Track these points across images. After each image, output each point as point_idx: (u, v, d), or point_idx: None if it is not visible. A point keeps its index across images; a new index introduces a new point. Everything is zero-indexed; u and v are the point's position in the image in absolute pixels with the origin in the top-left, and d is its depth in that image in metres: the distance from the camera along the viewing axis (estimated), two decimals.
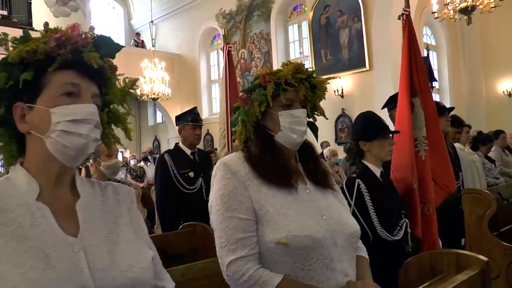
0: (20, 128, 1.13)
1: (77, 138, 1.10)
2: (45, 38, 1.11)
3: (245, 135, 1.76)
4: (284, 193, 1.62)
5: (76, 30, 1.15)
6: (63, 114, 1.09)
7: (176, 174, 4.12)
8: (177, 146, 4.37)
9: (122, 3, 18.75)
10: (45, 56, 1.10)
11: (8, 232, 1.02)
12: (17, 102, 1.13)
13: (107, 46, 1.18)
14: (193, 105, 7.82)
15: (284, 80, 1.68)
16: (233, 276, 1.55)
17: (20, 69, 1.10)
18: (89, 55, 1.12)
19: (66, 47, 1.11)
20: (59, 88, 1.11)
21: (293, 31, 13.46)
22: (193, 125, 4.25)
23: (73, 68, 1.12)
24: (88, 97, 1.13)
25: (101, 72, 1.16)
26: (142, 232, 1.27)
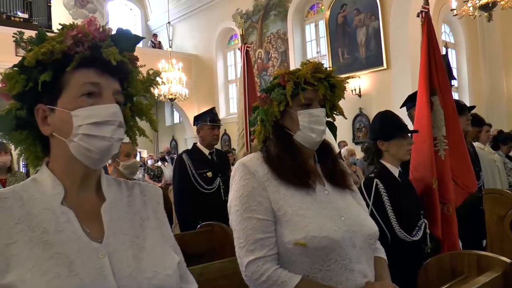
0: (43, 131, 1.12)
1: (101, 141, 1.07)
2: (61, 37, 1.08)
3: (264, 134, 1.77)
4: (303, 193, 1.61)
5: (93, 24, 1.11)
6: (85, 117, 1.06)
7: (194, 174, 4.13)
8: (195, 146, 4.38)
9: (139, 5, 18.88)
10: (62, 55, 1.07)
11: (34, 238, 1.01)
12: (38, 104, 1.11)
13: (126, 39, 1.14)
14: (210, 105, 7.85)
15: (303, 80, 1.67)
16: (252, 276, 1.55)
17: (38, 70, 1.07)
18: (108, 51, 1.07)
19: (84, 44, 1.07)
20: (79, 89, 1.08)
21: (310, 30, 13.41)
22: (212, 126, 4.26)
23: (92, 65, 1.09)
24: (109, 96, 1.10)
25: (121, 67, 1.11)
26: (168, 236, 1.24)
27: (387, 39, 10.55)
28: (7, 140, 1.16)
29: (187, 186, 4.10)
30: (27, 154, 1.17)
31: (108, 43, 1.09)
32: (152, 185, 1.33)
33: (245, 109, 4.75)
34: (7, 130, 1.14)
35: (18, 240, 0.99)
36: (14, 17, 14.26)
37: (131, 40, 1.15)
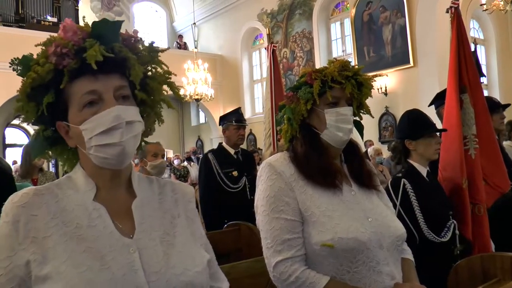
0: (69, 144, 1.15)
1: (113, 148, 1.07)
2: (43, 58, 1.07)
3: (290, 133, 1.75)
4: (329, 194, 1.60)
5: (69, 30, 1.08)
6: (91, 129, 1.07)
7: (220, 173, 4.16)
8: (220, 146, 4.41)
9: (164, 6, 19.06)
10: (54, 72, 1.06)
11: (68, 232, 1.05)
12: (57, 122, 1.13)
13: (106, 29, 1.09)
14: (236, 105, 7.86)
15: (331, 78, 1.66)
16: (280, 277, 1.55)
17: (42, 93, 1.08)
18: (89, 54, 1.04)
19: (68, 54, 1.06)
20: (80, 101, 1.08)
21: (335, 29, 13.32)
22: (237, 126, 4.28)
23: (84, 72, 1.07)
24: (110, 98, 1.08)
25: (112, 59, 1.08)
26: (199, 234, 1.25)
27: (413, 36, 10.42)
28: (49, 156, 1.21)
29: (213, 185, 4.12)
30: (67, 164, 1.22)
31: (91, 43, 1.06)
32: (184, 184, 1.34)
33: (271, 108, 4.75)
34: (42, 151, 1.19)
35: (53, 234, 1.04)
36: (44, 21, 14.59)
37: (112, 29, 1.10)
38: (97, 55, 1.04)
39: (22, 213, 1.04)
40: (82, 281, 0.99)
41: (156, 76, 1.19)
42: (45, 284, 1.00)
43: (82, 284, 0.98)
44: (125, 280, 1.02)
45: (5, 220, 1.04)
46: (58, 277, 0.99)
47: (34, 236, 1.03)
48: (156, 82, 1.19)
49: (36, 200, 1.07)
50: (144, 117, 1.18)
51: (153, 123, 1.26)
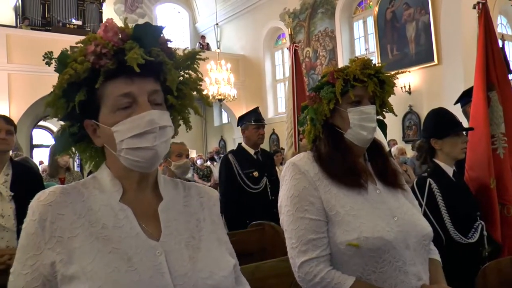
0: (96, 143, 1.15)
1: (145, 152, 1.07)
2: (81, 55, 1.07)
3: (314, 133, 1.75)
4: (354, 193, 1.59)
5: (110, 30, 1.08)
6: (124, 132, 1.07)
7: (240, 174, 4.15)
8: (240, 146, 4.40)
9: (187, 7, 19.19)
10: (90, 71, 1.06)
11: (94, 233, 1.05)
12: (85, 120, 1.13)
13: (147, 33, 1.09)
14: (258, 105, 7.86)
15: (353, 76, 1.65)
16: (305, 277, 1.54)
17: (74, 91, 1.08)
18: (130, 57, 1.03)
19: (106, 54, 1.06)
20: (113, 103, 1.08)
21: (358, 27, 13.22)
22: (257, 125, 4.27)
23: (120, 74, 1.07)
24: (144, 101, 1.08)
25: (149, 63, 1.06)
26: (223, 239, 1.25)
27: (438, 33, 10.26)
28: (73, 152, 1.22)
29: (234, 186, 4.11)
30: (90, 162, 1.23)
31: (130, 45, 1.06)
32: (209, 187, 1.34)
33: (293, 108, 4.74)
34: (66, 147, 1.20)
35: (79, 234, 1.04)
36: (69, 24, 14.88)
37: (153, 33, 1.10)
38: (139, 58, 1.04)
39: (48, 212, 1.04)
40: (109, 282, 0.99)
41: (189, 82, 1.19)
42: (72, 284, 1.00)
43: (109, 285, 0.98)
44: (152, 282, 1.01)
45: (31, 219, 1.05)
46: (84, 278, 0.99)
47: (60, 236, 1.03)
48: (188, 88, 1.19)
49: (63, 199, 1.07)
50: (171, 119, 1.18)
51: (178, 126, 1.26)
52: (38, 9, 14.90)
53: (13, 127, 2.90)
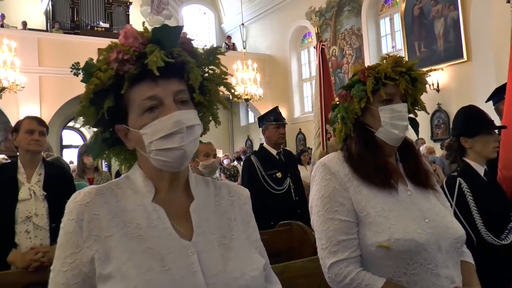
0: (128, 146, 1.17)
1: (173, 152, 1.08)
2: (104, 64, 1.09)
3: (344, 132, 1.73)
4: (385, 194, 1.57)
5: (130, 36, 1.09)
6: (151, 134, 1.08)
7: (264, 175, 4.12)
8: (262, 147, 4.37)
9: (213, 8, 19.29)
10: (115, 77, 1.09)
11: (128, 232, 1.07)
12: (115, 124, 1.16)
13: (166, 35, 1.10)
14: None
15: (384, 74, 1.63)
16: (335, 279, 1.53)
17: (102, 98, 1.11)
18: (150, 60, 1.05)
19: (129, 60, 1.07)
20: (139, 107, 1.10)
21: (385, 25, 13.08)
22: (277, 124, 4.23)
23: (144, 78, 1.09)
24: (170, 102, 1.09)
25: (171, 64, 1.08)
26: (254, 238, 1.25)
27: (467, 29, 10.07)
28: (108, 157, 1.24)
29: (257, 188, 4.04)
30: (125, 164, 1.25)
31: (151, 48, 1.07)
32: (240, 186, 1.35)
33: (320, 107, 4.71)
34: (101, 152, 1.22)
35: (115, 233, 1.06)
36: (97, 27, 15.15)
37: (173, 34, 1.11)
38: (158, 61, 1.05)
39: (85, 212, 1.07)
40: (143, 282, 1.00)
41: (213, 77, 1.20)
42: (108, 283, 1.02)
43: (143, 284, 1.00)
44: (185, 282, 1.03)
45: (69, 218, 1.08)
46: (120, 277, 1.01)
47: (96, 235, 1.06)
48: (213, 83, 1.20)
49: (98, 199, 1.10)
50: (200, 116, 1.19)
51: (208, 123, 1.27)
52: (67, 13, 15.24)
53: (45, 128, 2.97)
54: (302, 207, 3.99)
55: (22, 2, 15.63)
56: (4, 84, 10.15)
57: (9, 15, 14.45)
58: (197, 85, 1.13)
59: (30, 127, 2.88)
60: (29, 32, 13.59)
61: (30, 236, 2.76)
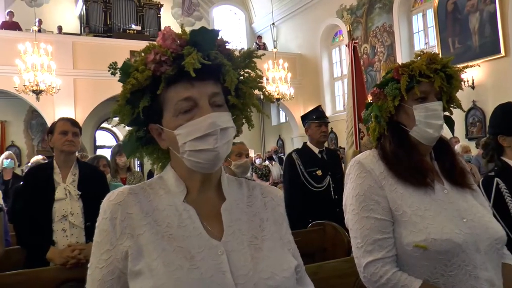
0: (161, 145, 1.19)
1: (207, 153, 1.09)
2: (141, 64, 1.11)
3: (378, 131, 1.71)
4: (420, 193, 1.54)
5: (168, 37, 1.11)
6: (185, 135, 1.10)
7: (304, 173, 4.14)
8: (304, 145, 4.40)
9: (243, 8, 19.35)
10: (152, 78, 1.10)
11: (159, 231, 1.09)
12: (150, 124, 1.18)
13: (204, 37, 1.11)
14: (316, 103, 7.81)
15: (418, 72, 1.60)
16: (370, 278, 1.51)
17: (138, 98, 1.13)
18: (187, 62, 1.06)
19: (166, 61, 1.09)
20: (174, 107, 1.11)
21: (417, 21, 12.83)
22: (319, 123, 4.25)
23: (180, 79, 1.11)
24: (205, 104, 1.10)
25: (208, 66, 1.09)
26: (287, 240, 1.25)
27: (505, 23, 9.78)
28: (141, 155, 1.27)
29: (297, 185, 4.10)
30: (157, 163, 1.27)
31: (188, 50, 1.09)
32: (273, 187, 1.35)
33: (353, 106, 4.67)
34: (134, 150, 1.25)
35: (146, 231, 1.09)
36: (129, 30, 15.41)
37: (210, 37, 1.12)
38: (195, 63, 1.06)
39: (118, 211, 1.11)
40: (172, 279, 1.02)
41: (248, 80, 1.21)
42: (138, 279, 1.05)
43: (172, 282, 1.01)
44: (213, 281, 1.03)
45: (103, 217, 1.12)
46: (149, 274, 1.03)
47: (129, 233, 1.09)
48: (248, 86, 1.21)
49: (131, 199, 1.13)
50: (233, 119, 1.20)
51: (241, 125, 1.28)
52: (100, 16, 15.55)
53: (79, 129, 3.05)
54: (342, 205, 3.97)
55: (58, 7, 16.04)
56: (41, 87, 10.44)
57: (46, 20, 14.85)
58: (232, 88, 1.13)
59: (64, 128, 2.96)
60: (64, 36, 13.90)
61: (66, 234, 2.85)
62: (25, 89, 10.32)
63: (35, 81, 10.33)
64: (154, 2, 16.66)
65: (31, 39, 10.87)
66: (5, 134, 14.94)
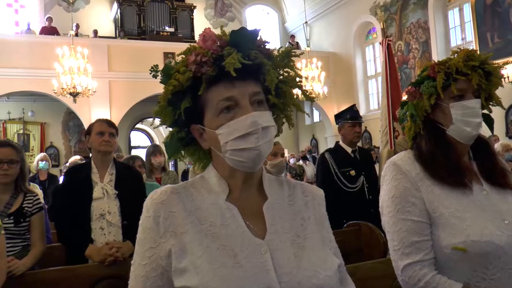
0: (203, 146, 1.20)
1: (249, 152, 1.09)
2: (183, 66, 1.13)
3: (414, 130, 1.68)
4: (458, 194, 1.50)
5: (208, 39, 1.13)
6: (227, 134, 1.10)
7: (337, 173, 4.11)
8: (337, 144, 4.37)
9: (276, 8, 19.35)
10: (193, 79, 1.12)
11: (203, 230, 1.11)
12: (191, 124, 1.19)
13: (244, 38, 1.13)
14: (349, 102, 7.74)
15: (455, 69, 1.56)
16: (408, 281, 1.48)
17: (179, 99, 1.15)
18: (227, 62, 1.08)
19: (206, 62, 1.11)
20: (216, 107, 1.12)
21: (454, 16, 12.56)
22: (352, 123, 4.21)
23: (222, 79, 1.11)
24: (246, 104, 1.11)
25: (248, 66, 1.10)
26: (328, 239, 1.24)
27: None
28: (182, 156, 1.29)
29: (331, 185, 4.07)
30: (199, 163, 1.29)
31: (228, 51, 1.10)
32: (314, 187, 1.34)
33: (387, 105, 4.59)
34: (176, 151, 1.26)
35: (189, 230, 1.11)
36: (162, 32, 15.61)
37: (249, 37, 1.14)
38: (236, 63, 1.08)
39: (161, 209, 1.13)
40: (216, 276, 1.03)
41: (288, 80, 1.22)
42: (183, 277, 1.06)
43: (216, 280, 1.03)
44: (257, 279, 1.04)
45: (147, 215, 1.14)
46: (194, 271, 1.05)
47: (173, 231, 1.10)
48: (288, 86, 1.21)
49: (174, 198, 1.15)
50: (274, 118, 1.20)
51: (282, 124, 1.28)
52: (134, 19, 15.87)
53: (115, 129, 3.12)
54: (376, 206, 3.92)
55: (94, 12, 16.42)
56: (78, 89, 10.72)
57: (82, 24, 15.26)
58: (273, 87, 1.14)
59: (101, 129, 3.04)
60: (99, 39, 14.26)
61: (104, 232, 2.92)
62: (63, 91, 10.64)
63: (72, 84, 10.64)
64: (187, 4, 16.85)
65: (68, 43, 11.18)
66: (45, 135, 15.42)
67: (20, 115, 15.16)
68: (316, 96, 13.09)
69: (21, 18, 16.13)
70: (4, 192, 2.84)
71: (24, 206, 2.86)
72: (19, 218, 2.82)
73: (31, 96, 14.08)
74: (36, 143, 15.25)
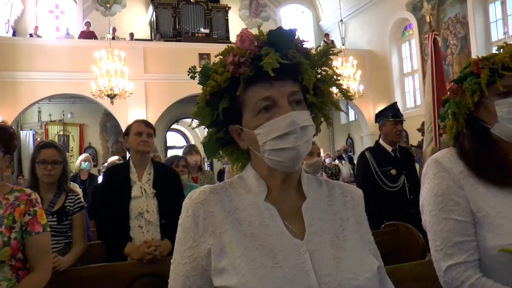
0: (241, 146, 1.20)
1: (287, 152, 1.09)
2: (221, 67, 1.13)
3: (456, 129, 1.62)
4: (505, 193, 1.44)
5: (245, 39, 1.13)
6: (266, 134, 1.10)
7: (377, 172, 4.05)
8: (377, 143, 4.30)
9: (310, 7, 19.25)
10: (231, 80, 1.12)
11: (242, 230, 1.11)
12: (230, 125, 1.19)
13: (281, 37, 1.13)
14: (385, 100, 7.62)
15: (501, 65, 1.50)
16: (451, 283, 1.43)
17: (217, 98, 1.15)
18: (265, 62, 1.08)
19: (244, 63, 1.11)
20: (254, 107, 1.12)
21: (495, 9, 12.17)
22: (394, 121, 4.13)
23: (260, 79, 1.11)
24: (284, 104, 1.10)
25: (285, 65, 1.10)
26: (368, 240, 1.23)
27: None
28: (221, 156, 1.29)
29: (371, 184, 4.00)
30: (237, 163, 1.29)
31: (266, 50, 1.10)
32: (353, 187, 1.33)
33: (433, 102, 4.48)
34: (214, 152, 1.27)
35: (228, 229, 1.11)
36: (197, 33, 15.79)
37: (287, 37, 1.14)
38: (273, 63, 1.08)
39: (200, 209, 1.13)
40: (256, 277, 1.03)
41: (326, 78, 1.21)
42: (222, 276, 1.07)
43: (256, 280, 1.02)
44: (296, 280, 1.03)
45: (186, 215, 1.15)
46: (234, 271, 1.05)
47: (212, 231, 1.11)
48: (326, 84, 1.20)
49: (212, 198, 1.15)
50: (312, 117, 1.19)
51: (320, 124, 1.27)
52: (169, 22, 16.09)
53: (152, 130, 3.18)
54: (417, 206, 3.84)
55: (130, 15, 16.73)
56: (115, 91, 10.95)
57: (119, 28, 15.59)
58: (311, 86, 1.14)
59: (139, 129, 3.10)
60: (135, 42, 14.53)
61: (143, 231, 2.97)
62: (101, 93, 10.91)
63: (109, 86, 10.89)
64: (221, 5, 16.96)
65: (105, 46, 11.43)
66: (83, 136, 15.84)
67: (60, 117, 15.68)
68: (352, 94, 12.95)
69: (61, 24, 16.61)
70: (48, 192, 2.94)
71: (66, 205, 2.96)
72: (62, 217, 2.91)
73: (70, 99, 14.52)
74: (75, 144, 15.71)
